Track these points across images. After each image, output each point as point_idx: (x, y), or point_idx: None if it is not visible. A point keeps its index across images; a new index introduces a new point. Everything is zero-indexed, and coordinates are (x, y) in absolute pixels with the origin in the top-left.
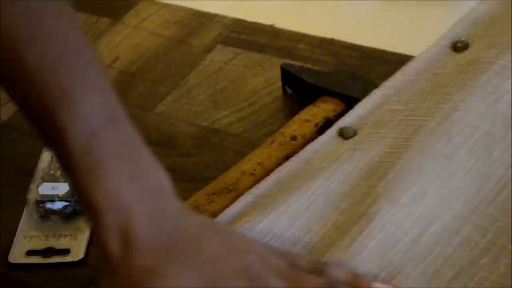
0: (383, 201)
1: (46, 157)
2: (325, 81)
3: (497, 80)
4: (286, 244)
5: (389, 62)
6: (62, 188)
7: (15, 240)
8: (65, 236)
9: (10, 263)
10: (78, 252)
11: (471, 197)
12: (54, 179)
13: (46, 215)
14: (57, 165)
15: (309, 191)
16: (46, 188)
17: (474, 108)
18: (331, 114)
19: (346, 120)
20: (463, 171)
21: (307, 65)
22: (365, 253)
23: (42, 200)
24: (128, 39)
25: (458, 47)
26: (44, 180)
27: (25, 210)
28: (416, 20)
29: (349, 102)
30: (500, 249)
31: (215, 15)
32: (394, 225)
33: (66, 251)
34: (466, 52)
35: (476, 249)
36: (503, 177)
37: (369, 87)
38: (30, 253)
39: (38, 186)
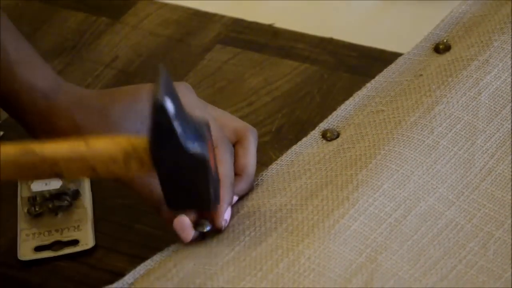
0: (365, 187)
1: None
2: None
3: (478, 74)
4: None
5: (388, 62)
6: (55, 183)
7: (18, 239)
8: (68, 228)
9: (20, 261)
10: (87, 241)
11: (455, 182)
12: None
13: (41, 211)
14: None
15: (292, 190)
16: (38, 185)
17: (456, 101)
18: None
19: (329, 122)
20: (446, 158)
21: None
22: (349, 233)
23: (36, 197)
24: (127, 39)
25: (440, 48)
26: None
27: (19, 208)
28: (416, 20)
29: None
30: (488, 235)
31: (214, 15)
32: (377, 208)
33: (74, 242)
34: (448, 54)
35: (462, 232)
36: (487, 165)
37: None
38: (38, 249)
39: (29, 184)
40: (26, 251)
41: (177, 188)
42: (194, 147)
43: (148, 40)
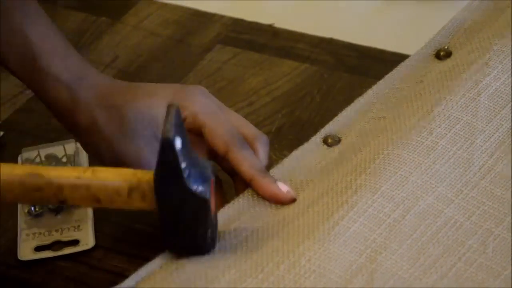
0: (364, 191)
1: (27, 156)
2: None
3: (477, 76)
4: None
5: (388, 62)
6: None
7: (18, 239)
8: (68, 228)
9: (20, 261)
10: (87, 241)
11: (454, 180)
12: None
13: (41, 211)
14: (45, 161)
15: (295, 205)
16: None
17: (455, 102)
18: None
19: (330, 128)
20: (445, 158)
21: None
22: (349, 234)
23: None
24: (127, 39)
25: (441, 55)
26: None
27: (19, 208)
28: (415, 20)
29: None
30: (487, 232)
31: (214, 15)
32: (376, 210)
33: (74, 242)
34: (448, 60)
35: (462, 230)
36: (486, 164)
37: None
38: (38, 249)
39: None
40: (26, 251)
41: (176, 227)
42: (197, 187)
43: (148, 40)
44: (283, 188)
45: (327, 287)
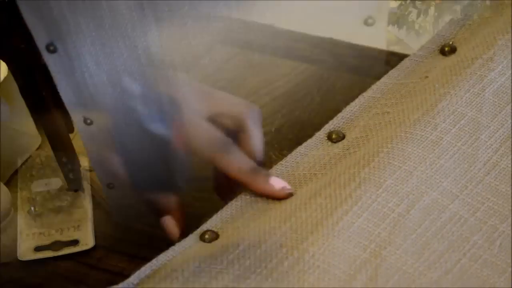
0: (368, 185)
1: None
2: None
3: (482, 71)
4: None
5: (388, 62)
6: (55, 183)
7: (18, 239)
8: (68, 228)
9: (20, 261)
10: (87, 241)
11: (459, 176)
12: (44, 176)
13: (41, 211)
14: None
15: (297, 194)
16: (38, 185)
17: (459, 97)
18: None
19: (335, 123)
20: (449, 153)
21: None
22: (353, 229)
23: (36, 197)
24: None
25: (446, 50)
26: (33, 177)
27: (19, 208)
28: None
29: None
30: (492, 228)
31: (214, 15)
32: (380, 204)
33: (74, 242)
34: (453, 56)
35: (466, 226)
36: (491, 159)
37: None
38: (38, 249)
39: (29, 184)
40: (26, 251)
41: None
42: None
43: None
44: (278, 184)
45: (331, 283)
